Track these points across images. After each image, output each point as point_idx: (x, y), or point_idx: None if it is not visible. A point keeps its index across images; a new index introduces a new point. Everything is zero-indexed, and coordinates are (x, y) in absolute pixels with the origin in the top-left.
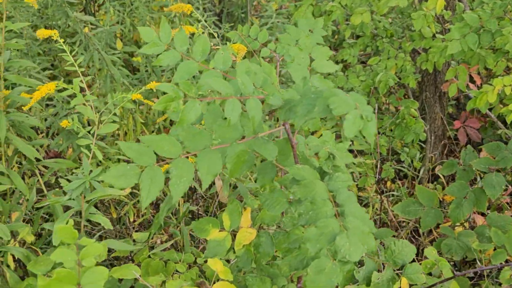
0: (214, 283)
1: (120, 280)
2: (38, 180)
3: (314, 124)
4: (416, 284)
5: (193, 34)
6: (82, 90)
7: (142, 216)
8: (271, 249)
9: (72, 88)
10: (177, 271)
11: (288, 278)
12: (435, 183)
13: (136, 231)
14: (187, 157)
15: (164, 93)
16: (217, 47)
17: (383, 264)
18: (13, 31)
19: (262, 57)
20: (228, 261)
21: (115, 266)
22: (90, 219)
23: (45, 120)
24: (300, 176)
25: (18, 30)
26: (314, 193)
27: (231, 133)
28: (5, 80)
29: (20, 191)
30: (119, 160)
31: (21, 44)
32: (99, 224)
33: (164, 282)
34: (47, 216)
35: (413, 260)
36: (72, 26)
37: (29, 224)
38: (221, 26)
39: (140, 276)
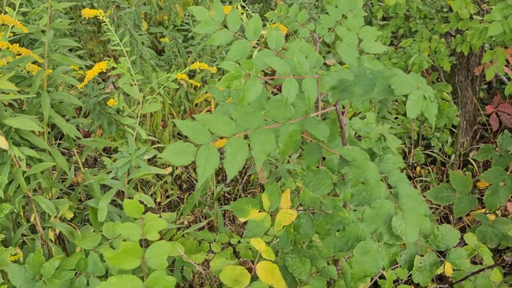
0: (257, 262)
1: None
2: (69, 159)
3: (364, 105)
4: (459, 270)
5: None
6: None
7: (168, 197)
8: (312, 230)
9: (120, 67)
10: (211, 251)
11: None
12: (464, 169)
13: (162, 212)
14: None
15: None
16: None
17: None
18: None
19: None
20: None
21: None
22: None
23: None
24: (350, 157)
25: (46, 10)
26: (366, 174)
27: (284, 112)
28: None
29: (54, 169)
30: (145, 141)
31: (65, 24)
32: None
33: (206, 260)
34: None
35: None
36: (97, 6)
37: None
38: (245, 6)
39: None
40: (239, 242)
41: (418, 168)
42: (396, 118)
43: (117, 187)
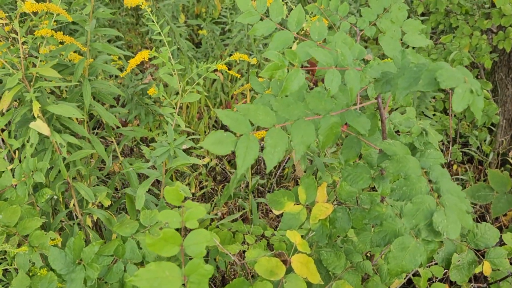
0: (292, 254)
1: None
2: (107, 148)
3: (406, 99)
4: (498, 269)
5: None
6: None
7: (202, 188)
8: (348, 224)
9: (162, 57)
10: (245, 242)
11: (363, 255)
12: (502, 168)
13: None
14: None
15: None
16: None
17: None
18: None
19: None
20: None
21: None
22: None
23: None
24: (391, 151)
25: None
26: (407, 169)
27: (325, 104)
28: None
29: (91, 157)
30: (181, 132)
31: (107, 13)
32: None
33: (241, 251)
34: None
35: None
36: None
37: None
38: None
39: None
40: (273, 234)
41: (455, 166)
42: (433, 115)
43: (154, 176)
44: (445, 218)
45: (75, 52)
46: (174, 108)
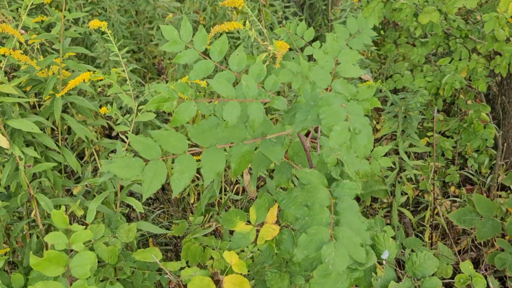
0: (226, 274)
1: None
2: (94, 158)
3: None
4: None
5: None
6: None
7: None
8: (292, 247)
9: (108, 78)
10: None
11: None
12: (508, 191)
13: (191, 214)
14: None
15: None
16: (265, 42)
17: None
18: (103, 15)
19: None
20: None
21: (174, 243)
22: (125, 201)
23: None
24: (306, 180)
25: (107, 15)
26: (315, 199)
27: (237, 133)
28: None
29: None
30: None
31: (77, 33)
32: (169, 201)
33: (182, 268)
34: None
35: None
36: (148, 15)
37: (78, 199)
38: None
39: (159, 260)
40: (242, 251)
41: (452, 188)
42: (431, 136)
43: (108, 191)
44: (333, 250)
45: None
46: (129, 126)
